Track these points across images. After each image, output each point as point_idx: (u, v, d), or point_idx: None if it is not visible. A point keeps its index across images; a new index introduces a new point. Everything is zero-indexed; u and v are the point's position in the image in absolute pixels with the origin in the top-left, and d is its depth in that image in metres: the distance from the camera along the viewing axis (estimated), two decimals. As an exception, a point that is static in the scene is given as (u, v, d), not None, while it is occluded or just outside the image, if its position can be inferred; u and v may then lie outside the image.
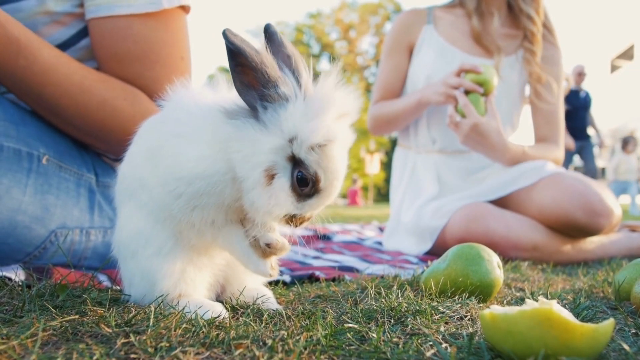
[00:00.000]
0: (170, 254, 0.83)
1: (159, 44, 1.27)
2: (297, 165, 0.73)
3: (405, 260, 1.84)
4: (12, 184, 1.14)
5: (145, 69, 1.27)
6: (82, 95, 1.19)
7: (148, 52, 1.26)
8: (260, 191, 0.74)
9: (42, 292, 0.89)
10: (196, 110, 0.81)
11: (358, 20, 36.76)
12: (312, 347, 0.64)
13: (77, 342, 0.64)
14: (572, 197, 1.79)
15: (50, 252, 1.24)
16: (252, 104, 0.74)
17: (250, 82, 0.73)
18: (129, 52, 1.25)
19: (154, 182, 0.82)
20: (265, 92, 0.72)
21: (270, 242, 0.80)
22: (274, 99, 0.72)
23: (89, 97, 1.20)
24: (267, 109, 0.73)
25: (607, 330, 0.60)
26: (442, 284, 1.02)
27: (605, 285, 1.21)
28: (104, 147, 1.35)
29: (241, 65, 0.72)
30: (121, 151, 1.31)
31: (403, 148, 2.37)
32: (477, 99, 1.92)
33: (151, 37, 1.25)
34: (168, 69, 1.29)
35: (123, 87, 1.26)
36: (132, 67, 1.26)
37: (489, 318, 0.63)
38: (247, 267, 0.84)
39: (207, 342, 0.64)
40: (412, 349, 0.64)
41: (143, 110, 1.26)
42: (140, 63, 1.26)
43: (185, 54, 1.33)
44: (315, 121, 0.71)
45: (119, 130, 1.23)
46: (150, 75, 1.28)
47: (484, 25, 2.21)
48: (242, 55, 0.71)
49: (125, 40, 1.24)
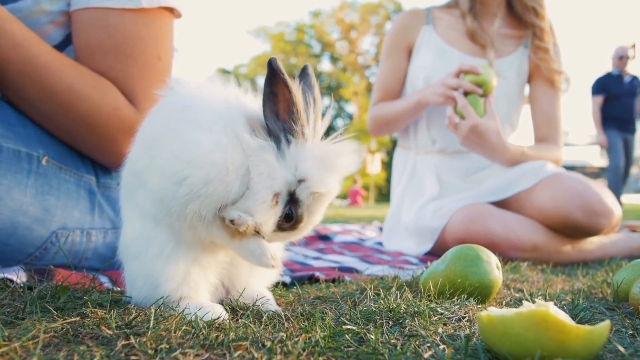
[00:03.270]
0: (173, 255, 0.83)
1: (134, 39, 1.25)
2: (290, 202, 0.80)
3: (405, 260, 1.84)
4: (12, 185, 1.14)
5: (118, 61, 1.24)
6: (48, 76, 1.15)
7: (122, 45, 1.24)
8: (265, 209, 0.78)
9: (44, 294, 0.90)
10: (210, 100, 0.81)
11: (359, 20, 36.76)
12: (310, 348, 0.64)
13: (78, 343, 0.65)
14: (572, 197, 1.79)
15: (51, 252, 1.25)
16: (277, 132, 0.78)
17: (278, 112, 0.78)
18: (102, 44, 1.23)
19: (152, 172, 0.79)
20: (292, 127, 0.77)
21: (232, 218, 0.78)
22: (298, 137, 0.78)
23: (55, 80, 1.16)
24: (290, 143, 0.78)
25: (603, 332, 0.61)
26: (441, 285, 1.02)
27: (604, 286, 1.21)
28: (69, 139, 1.29)
29: (275, 94, 0.77)
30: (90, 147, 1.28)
31: (403, 149, 2.38)
32: (476, 100, 1.92)
33: (127, 31, 1.23)
34: (142, 65, 1.27)
35: (93, 76, 1.23)
36: (105, 58, 1.24)
37: (485, 320, 0.64)
38: (248, 260, 0.82)
39: (206, 343, 0.65)
40: (409, 351, 0.64)
41: (111, 100, 1.23)
42: (113, 55, 1.24)
43: (163, 54, 1.31)
44: (326, 173, 0.79)
45: (85, 118, 1.20)
46: (122, 68, 1.25)
47: (479, 25, 2.21)
48: (283, 86, 0.75)
49: (100, 31, 1.23)
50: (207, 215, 0.78)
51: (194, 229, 0.81)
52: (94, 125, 1.04)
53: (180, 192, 0.76)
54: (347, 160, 0.81)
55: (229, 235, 0.80)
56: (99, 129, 1.19)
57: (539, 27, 2.18)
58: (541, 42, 2.18)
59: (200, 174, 0.75)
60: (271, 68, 0.76)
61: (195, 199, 0.76)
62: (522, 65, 2.24)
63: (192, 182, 0.75)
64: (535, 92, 2.27)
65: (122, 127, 1.25)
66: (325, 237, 2.66)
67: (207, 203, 0.77)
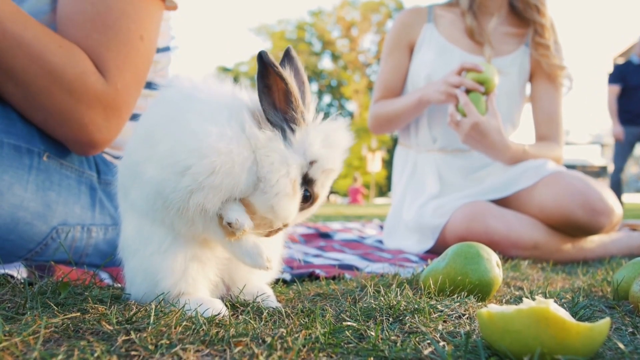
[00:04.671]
0: (170, 251, 0.82)
1: (119, 12, 1.21)
2: (304, 184, 0.83)
3: (405, 258, 1.84)
4: (13, 181, 1.14)
5: (95, 30, 1.19)
6: (12, 24, 1.10)
7: (104, 16, 1.19)
8: (287, 200, 0.80)
9: (44, 290, 0.90)
10: (212, 93, 0.81)
11: (360, 18, 36.72)
12: (310, 344, 0.65)
13: (79, 339, 0.65)
14: (573, 195, 1.79)
15: (51, 248, 1.25)
16: (279, 123, 0.80)
17: (275, 103, 0.79)
18: (84, 12, 1.19)
19: (150, 162, 0.77)
20: (292, 115, 0.79)
21: (229, 221, 0.77)
22: (299, 123, 0.80)
23: (20, 29, 1.10)
24: (294, 131, 0.80)
25: (603, 330, 0.61)
26: (441, 283, 1.02)
27: (604, 284, 1.21)
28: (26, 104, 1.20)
29: (269, 87, 0.78)
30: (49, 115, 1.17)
31: (404, 147, 2.38)
32: (478, 97, 1.92)
33: (112, 3, 1.20)
34: (121, 40, 1.22)
35: (62, 38, 1.18)
36: (83, 27, 1.19)
37: (486, 317, 0.64)
38: (243, 260, 0.82)
39: (207, 339, 0.65)
40: (409, 347, 0.64)
41: (78, 64, 1.17)
42: (92, 24, 1.19)
43: (146, 35, 1.26)
44: (332, 151, 0.83)
45: (48, 75, 1.14)
46: (99, 37, 1.20)
47: (478, 24, 2.21)
48: (277, 78, 0.76)
49: (84, 1, 1.19)
50: (211, 209, 0.77)
51: (190, 225, 0.80)
52: (55, 86, 0.97)
53: (183, 183, 0.75)
54: (344, 136, 0.85)
55: (225, 234, 0.80)
56: (60, 92, 1.12)
57: (540, 23, 2.18)
58: (542, 38, 2.18)
59: (205, 163, 0.74)
60: (262, 62, 0.76)
61: (199, 191, 0.75)
62: (524, 63, 2.24)
63: (196, 172, 0.74)
64: (536, 90, 2.27)
65: (86, 94, 1.18)
66: (325, 234, 2.66)
67: (212, 195, 0.76)
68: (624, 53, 23.00)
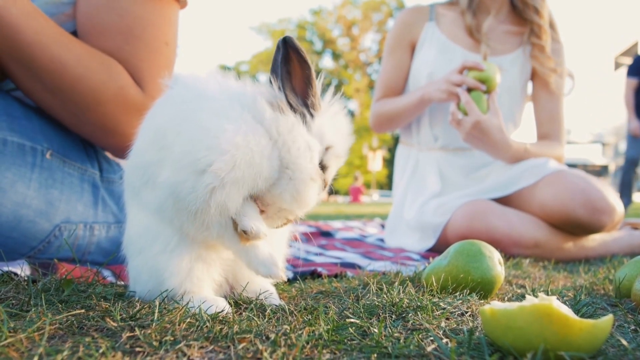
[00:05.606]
0: (176, 251, 0.82)
1: (144, 22, 1.26)
2: None
3: (407, 257, 1.85)
4: (16, 178, 1.15)
5: (127, 42, 1.25)
6: (58, 47, 1.14)
7: (132, 27, 1.24)
8: (313, 186, 0.81)
9: (48, 287, 0.90)
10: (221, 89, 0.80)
11: (361, 17, 36.69)
12: (314, 341, 0.65)
13: (83, 335, 0.65)
14: (574, 194, 1.79)
15: (54, 246, 1.26)
16: (299, 108, 0.81)
17: (295, 89, 0.81)
18: (114, 25, 1.23)
19: (163, 164, 0.76)
20: (311, 101, 0.81)
21: (244, 229, 0.77)
22: (317, 109, 0.82)
23: (65, 52, 1.15)
24: (313, 117, 0.82)
25: (606, 326, 0.61)
26: (444, 281, 1.02)
27: (606, 282, 1.21)
28: (73, 119, 1.27)
29: (289, 72, 0.80)
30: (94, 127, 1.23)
31: (405, 145, 2.38)
32: (479, 96, 1.92)
33: (137, 13, 1.24)
34: (151, 49, 1.27)
35: (100, 54, 1.22)
36: (114, 39, 1.24)
37: (489, 313, 0.64)
38: (257, 270, 0.80)
39: (210, 336, 0.65)
40: (413, 344, 0.64)
41: (118, 78, 1.22)
42: (123, 36, 1.24)
43: (170, 40, 1.31)
44: (342, 138, 0.85)
45: (91, 93, 1.19)
46: (130, 49, 1.25)
47: (478, 22, 2.21)
48: (300, 63, 0.78)
49: (111, 12, 1.23)
50: (232, 207, 0.76)
51: (204, 229, 0.79)
52: (100, 102, 1.02)
53: (203, 181, 0.73)
54: (346, 121, 0.87)
55: (239, 240, 0.79)
56: (104, 107, 1.18)
57: (538, 24, 2.18)
58: (538, 39, 2.18)
59: (226, 158, 0.72)
60: (286, 46, 0.77)
61: (221, 188, 0.73)
62: (525, 62, 2.24)
63: (217, 168, 0.72)
64: (537, 89, 2.27)
65: (127, 106, 1.24)
66: (327, 233, 2.66)
67: (235, 191, 0.75)
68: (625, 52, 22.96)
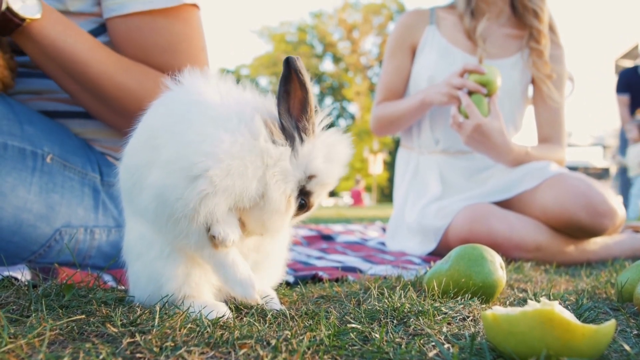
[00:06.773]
0: (171, 257, 0.82)
1: (181, 36, 1.33)
2: (301, 195, 0.83)
3: (408, 260, 1.84)
4: (17, 182, 1.15)
5: (172, 58, 1.33)
6: (122, 74, 1.25)
7: (173, 44, 1.33)
8: (279, 217, 0.81)
9: (48, 292, 0.90)
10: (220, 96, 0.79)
11: (361, 20, 36.75)
12: (315, 347, 0.64)
13: (84, 341, 0.65)
14: (576, 197, 1.79)
15: (55, 250, 1.26)
16: (291, 131, 0.79)
17: (291, 110, 0.79)
18: (157, 45, 1.31)
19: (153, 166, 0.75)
20: (305, 125, 0.79)
21: (213, 234, 0.77)
22: (309, 134, 0.80)
23: (127, 78, 1.25)
24: (303, 142, 0.80)
25: (608, 331, 0.60)
26: (445, 285, 1.02)
27: (608, 286, 1.21)
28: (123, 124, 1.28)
29: (288, 93, 0.78)
30: None
31: (406, 149, 2.37)
32: (480, 99, 1.92)
33: (174, 30, 1.32)
34: (192, 59, 1.35)
35: (154, 72, 1.31)
36: (161, 57, 1.32)
37: (491, 318, 0.64)
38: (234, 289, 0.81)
39: (211, 341, 0.65)
40: (414, 349, 0.64)
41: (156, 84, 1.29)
42: (168, 54, 1.32)
43: (204, 45, 1.40)
44: (332, 166, 0.83)
45: (136, 103, 1.23)
46: (176, 64, 1.30)
47: (475, 25, 2.21)
48: (299, 85, 0.76)
49: (152, 33, 1.30)
50: (218, 216, 0.76)
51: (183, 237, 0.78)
52: None
53: (196, 187, 0.72)
54: (345, 151, 0.85)
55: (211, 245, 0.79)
56: None
57: (537, 28, 2.18)
58: (537, 44, 2.18)
59: (222, 166, 0.72)
60: (288, 67, 0.76)
61: (212, 195, 0.73)
62: (526, 66, 2.24)
63: (213, 175, 0.72)
64: (538, 92, 2.27)
65: None
66: (328, 237, 2.66)
67: (223, 200, 0.75)
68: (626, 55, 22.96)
